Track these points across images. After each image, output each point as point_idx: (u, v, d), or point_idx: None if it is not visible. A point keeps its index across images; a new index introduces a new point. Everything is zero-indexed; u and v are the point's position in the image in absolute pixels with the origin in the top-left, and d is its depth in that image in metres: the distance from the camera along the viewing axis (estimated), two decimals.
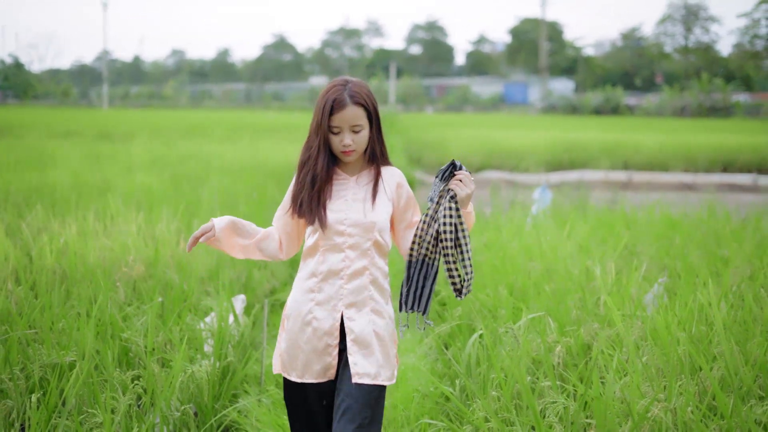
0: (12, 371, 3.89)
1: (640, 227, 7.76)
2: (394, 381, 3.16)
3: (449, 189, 3.04)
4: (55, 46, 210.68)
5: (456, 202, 3.02)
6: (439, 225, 3.03)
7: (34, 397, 3.44)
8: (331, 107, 3.04)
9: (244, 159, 16.47)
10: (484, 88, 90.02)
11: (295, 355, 3.13)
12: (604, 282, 5.30)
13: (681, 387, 3.47)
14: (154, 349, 4.43)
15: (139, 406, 4.08)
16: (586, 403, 3.66)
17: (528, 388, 3.18)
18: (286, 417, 4.38)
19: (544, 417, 3.67)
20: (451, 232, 3.01)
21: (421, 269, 3.12)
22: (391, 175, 3.22)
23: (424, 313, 3.14)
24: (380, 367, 3.08)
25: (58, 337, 4.32)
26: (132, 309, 5.14)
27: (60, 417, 3.57)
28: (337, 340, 3.10)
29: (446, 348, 5.46)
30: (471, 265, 3.05)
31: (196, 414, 4.36)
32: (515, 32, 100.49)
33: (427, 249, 3.09)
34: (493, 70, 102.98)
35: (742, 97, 65.05)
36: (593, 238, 7.19)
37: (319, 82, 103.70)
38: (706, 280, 4.94)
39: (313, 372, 3.11)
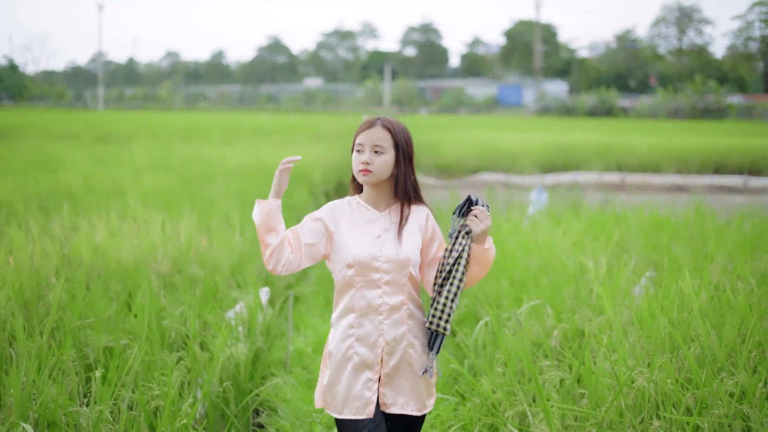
0: (78, 351, 4.41)
1: (630, 226, 8.26)
2: (426, 410, 3.23)
3: (465, 224, 3.12)
4: (48, 47, 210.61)
5: (469, 238, 3.10)
6: (449, 257, 3.12)
7: (98, 373, 3.92)
8: (360, 129, 3.17)
9: (244, 161, 16.90)
10: (479, 89, 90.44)
11: (335, 391, 3.17)
12: (597, 275, 5.81)
13: (662, 363, 3.97)
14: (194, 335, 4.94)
15: (186, 383, 4.58)
16: (579, 377, 4.16)
17: (530, 361, 3.68)
18: (311, 394, 4.90)
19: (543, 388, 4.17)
20: (449, 264, 3.11)
21: None
22: (420, 210, 3.27)
23: (436, 352, 3.19)
24: (411, 398, 3.17)
25: (106, 325, 4.83)
26: (167, 301, 5.63)
27: (123, 389, 4.07)
28: (377, 375, 3.15)
29: (453, 335, 5.98)
30: (449, 299, 3.10)
31: None
32: (509, 34, 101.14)
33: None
34: (487, 71, 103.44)
35: (735, 99, 65.55)
36: (586, 236, 7.69)
37: (314, 83, 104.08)
38: (688, 270, 5.45)
39: (352, 408, 3.14)
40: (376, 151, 3.11)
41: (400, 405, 3.15)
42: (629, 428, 3.55)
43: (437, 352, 3.18)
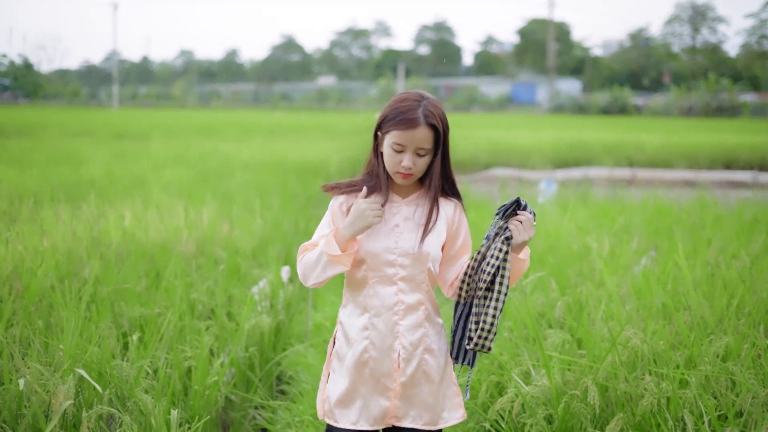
0: (114, 320, 4.76)
1: (634, 212, 8.57)
2: (443, 425, 2.95)
3: (507, 228, 2.80)
4: (62, 46, 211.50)
5: (508, 245, 2.77)
6: (485, 263, 2.80)
7: (135, 337, 4.26)
8: (400, 122, 2.74)
9: (260, 157, 17.28)
10: (492, 88, 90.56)
11: (351, 398, 2.88)
12: (600, 254, 6.12)
13: (656, 329, 4.28)
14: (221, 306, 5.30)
15: (215, 350, 4.94)
16: (580, 340, 4.48)
17: (535, 326, 3.98)
18: None
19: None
20: (489, 273, 2.77)
21: (469, 312, 2.90)
22: (448, 201, 2.94)
23: (471, 366, 2.97)
24: (425, 410, 2.89)
25: (138, 297, 5.19)
26: (192, 278, 6.00)
27: (158, 351, 4.42)
28: (396, 383, 2.87)
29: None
30: (495, 317, 2.80)
31: None
32: (523, 33, 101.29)
33: (476, 290, 2.84)
34: (500, 70, 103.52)
35: (749, 97, 65.61)
36: (592, 222, 8.00)
37: (327, 82, 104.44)
38: (686, 251, 5.77)
39: (369, 418, 2.88)
40: (419, 154, 2.78)
41: (412, 418, 2.89)
42: (623, 382, 3.86)
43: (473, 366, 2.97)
